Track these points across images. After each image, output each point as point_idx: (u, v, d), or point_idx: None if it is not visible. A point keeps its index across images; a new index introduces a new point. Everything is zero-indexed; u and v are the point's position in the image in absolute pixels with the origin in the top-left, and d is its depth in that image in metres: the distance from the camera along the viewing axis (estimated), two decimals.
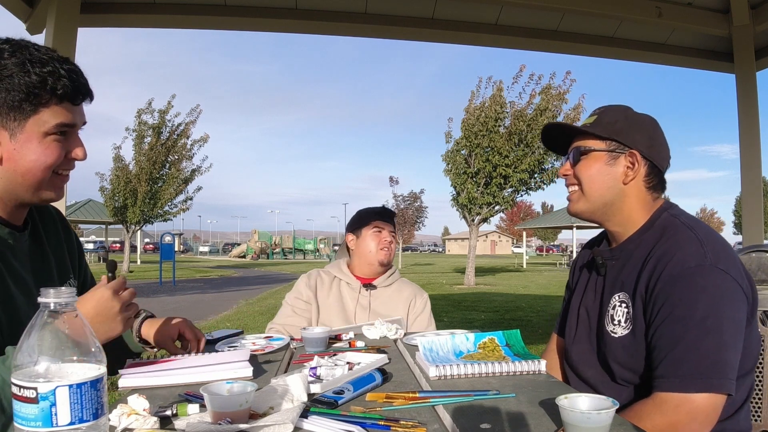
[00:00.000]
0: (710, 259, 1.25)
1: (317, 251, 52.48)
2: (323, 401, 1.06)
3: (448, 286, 17.28)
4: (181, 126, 22.25)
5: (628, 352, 1.34)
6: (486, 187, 16.60)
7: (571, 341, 1.56)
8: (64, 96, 1.14)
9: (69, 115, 1.16)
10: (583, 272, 1.62)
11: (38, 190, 1.18)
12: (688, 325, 1.21)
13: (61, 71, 1.13)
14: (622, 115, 1.44)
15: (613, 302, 1.41)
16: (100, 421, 0.75)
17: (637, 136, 1.40)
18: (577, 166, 1.45)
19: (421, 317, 2.31)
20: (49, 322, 0.73)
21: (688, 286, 1.23)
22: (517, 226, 48.23)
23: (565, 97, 16.32)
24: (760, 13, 3.75)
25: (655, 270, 1.29)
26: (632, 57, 4.37)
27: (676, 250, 1.28)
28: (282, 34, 4.46)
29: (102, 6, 3.47)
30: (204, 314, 9.90)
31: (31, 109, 1.11)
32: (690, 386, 1.18)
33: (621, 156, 1.40)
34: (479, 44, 4.14)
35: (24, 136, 1.12)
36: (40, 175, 1.16)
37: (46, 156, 1.15)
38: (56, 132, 1.15)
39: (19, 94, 1.10)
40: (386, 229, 2.33)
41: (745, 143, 3.92)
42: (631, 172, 1.40)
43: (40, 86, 1.11)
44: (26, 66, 1.10)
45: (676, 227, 1.35)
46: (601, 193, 1.42)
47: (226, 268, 30.88)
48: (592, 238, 1.71)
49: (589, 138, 1.44)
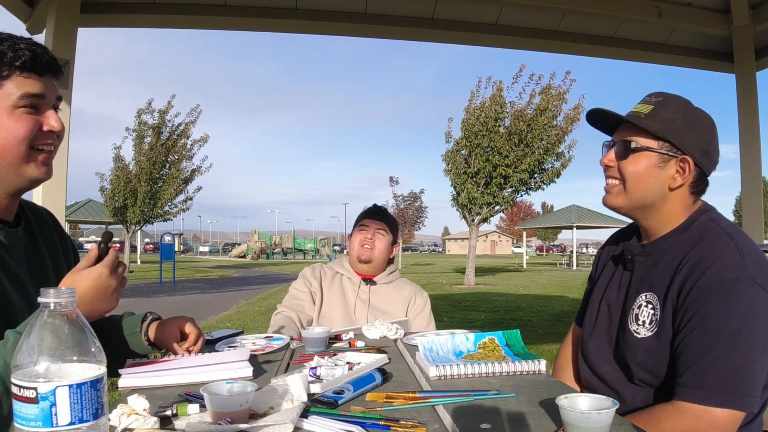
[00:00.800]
0: (749, 272, 1.20)
1: (317, 251, 52.48)
2: (323, 401, 1.06)
3: (448, 286, 17.28)
4: (181, 126, 22.24)
5: (650, 355, 1.30)
6: (486, 187, 16.60)
7: (588, 334, 1.52)
8: (24, 66, 1.12)
9: (35, 84, 1.14)
10: (608, 265, 1.56)
11: (20, 168, 1.16)
12: (719, 337, 1.17)
13: (19, 45, 1.12)
14: (681, 112, 1.33)
15: (639, 301, 1.36)
16: (100, 421, 0.75)
17: (693, 139, 1.31)
18: (624, 161, 1.35)
19: (420, 316, 2.32)
20: (49, 322, 0.73)
21: (723, 297, 1.19)
22: (517, 226, 48.24)
23: (565, 97, 16.32)
24: (760, 13, 3.75)
25: (690, 276, 1.24)
26: (632, 57, 4.37)
27: (715, 259, 1.23)
28: (282, 34, 4.46)
29: (102, 6, 3.47)
30: (204, 314, 9.90)
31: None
32: (714, 400, 1.15)
33: (672, 160, 1.32)
34: (479, 44, 4.15)
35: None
36: (16, 150, 1.13)
37: (17, 128, 1.12)
38: (24, 105, 1.13)
39: None
40: (371, 227, 2.35)
41: (745, 143, 3.92)
42: (680, 178, 1.32)
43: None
44: None
45: (715, 233, 1.29)
46: (645, 194, 1.35)
47: (226, 268, 30.87)
48: (619, 230, 1.64)
49: (641, 132, 1.33)
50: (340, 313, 2.25)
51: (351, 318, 2.24)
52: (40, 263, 1.30)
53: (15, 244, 1.23)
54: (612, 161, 1.38)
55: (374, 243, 2.33)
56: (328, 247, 52.59)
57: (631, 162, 1.34)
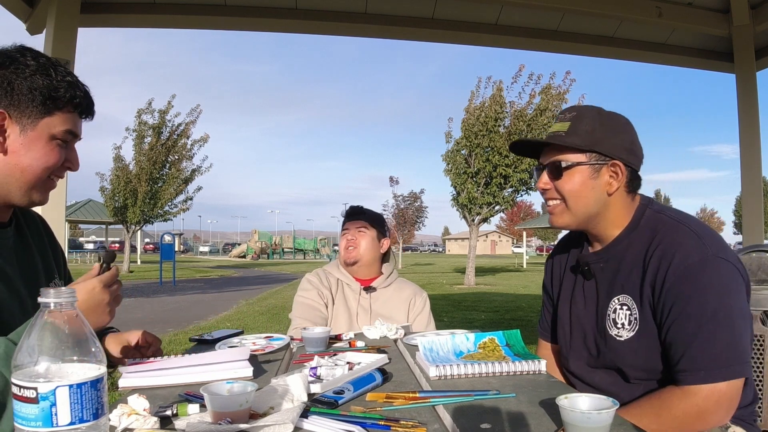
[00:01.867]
0: (711, 249, 1.27)
1: (317, 251, 52.48)
2: (323, 401, 1.06)
3: (448, 286, 17.28)
4: (181, 126, 22.25)
5: (637, 354, 1.34)
6: (486, 187, 16.60)
7: (567, 350, 1.54)
8: (77, 106, 1.21)
9: (76, 124, 1.23)
10: (565, 276, 1.59)
11: (31, 189, 1.21)
12: (701, 321, 1.24)
13: (79, 83, 1.22)
14: (597, 120, 1.37)
15: (613, 305, 1.39)
16: (101, 421, 0.75)
17: (616, 143, 1.36)
18: (559, 180, 1.39)
19: (420, 316, 2.32)
20: (49, 322, 0.73)
21: (695, 281, 1.26)
22: (517, 226, 48.22)
23: (565, 97, 16.32)
24: (760, 13, 3.75)
25: (659, 269, 1.29)
26: (632, 57, 4.37)
27: (676, 248, 1.29)
28: (282, 34, 4.46)
29: (102, 6, 3.47)
30: (204, 314, 9.90)
31: (46, 111, 1.17)
32: (716, 377, 1.21)
33: (603, 167, 1.36)
34: (479, 44, 4.14)
35: (33, 134, 1.17)
36: (39, 174, 1.20)
37: (48, 158, 1.19)
38: (62, 138, 1.20)
39: (39, 95, 1.15)
40: (352, 228, 2.34)
41: (745, 143, 3.92)
42: (615, 182, 1.37)
43: (61, 91, 1.17)
44: (49, 69, 1.17)
45: (666, 224, 1.35)
46: (587, 207, 1.39)
47: (226, 268, 30.88)
48: (564, 238, 1.67)
49: (566, 150, 1.37)
50: (344, 320, 2.24)
51: (354, 325, 2.23)
52: (30, 262, 1.33)
53: (5, 243, 1.26)
54: (547, 183, 1.42)
55: (357, 242, 2.31)
56: (328, 247, 52.58)
57: (566, 180, 1.39)
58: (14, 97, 1.14)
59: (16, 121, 1.16)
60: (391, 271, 2.41)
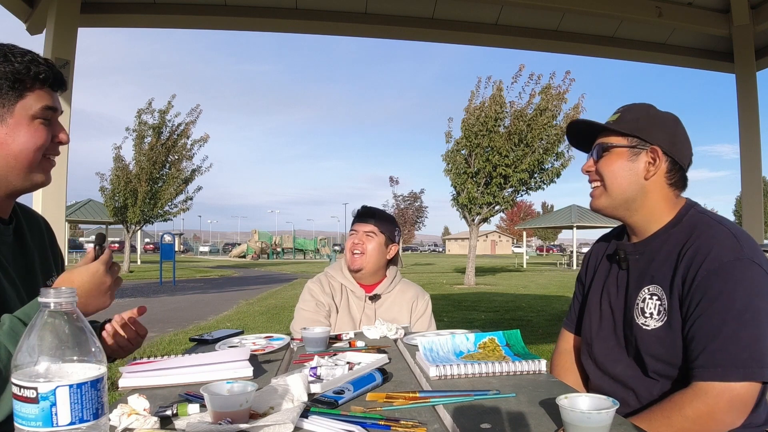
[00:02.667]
0: (746, 253, 1.28)
1: (317, 251, 52.48)
2: (323, 401, 1.06)
3: (448, 286, 17.28)
4: (181, 126, 22.25)
5: (662, 344, 1.35)
6: (486, 187, 16.59)
7: (593, 338, 1.55)
8: (45, 81, 1.22)
9: (51, 98, 1.24)
10: (600, 266, 1.61)
11: (30, 173, 1.24)
12: (727, 317, 1.24)
13: (39, 60, 1.22)
14: (644, 112, 1.45)
15: (642, 295, 1.41)
16: (101, 421, 0.75)
17: (658, 132, 1.42)
18: (600, 162, 1.47)
19: (422, 319, 2.31)
20: (50, 322, 0.73)
21: (726, 279, 1.26)
22: (517, 226, 48.22)
23: (565, 96, 16.31)
24: (760, 13, 3.74)
25: (692, 264, 1.31)
26: (632, 57, 4.36)
27: (712, 245, 1.30)
28: (284, 34, 4.46)
29: (102, 6, 3.47)
30: (204, 314, 9.90)
31: (17, 95, 1.20)
32: (731, 375, 1.21)
33: (642, 152, 1.42)
34: (479, 44, 4.14)
35: (13, 121, 1.20)
36: (32, 156, 1.22)
37: (36, 138, 1.22)
38: (42, 116, 1.22)
39: (5, 82, 1.18)
40: (359, 231, 2.27)
41: (746, 143, 3.91)
42: (652, 168, 1.41)
43: (24, 72, 1.19)
44: (8, 57, 1.19)
45: (706, 223, 1.37)
46: (623, 189, 1.44)
47: (226, 268, 30.87)
48: (607, 233, 1.70)
49: (611, 135, 1.45)
50: (347, 327, 2.21)
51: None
52: (27, 261, 1.34)
53: (5, 240, 1.29)
54: (591, 166, 1.50)
55: (364, 247, 2.24)
56: (328, 247, 52.57)
57: (606, 162, 1.46)
58: None
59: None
60: (395, 274, 2.36)
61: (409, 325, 2.26)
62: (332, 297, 2.25)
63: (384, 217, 2.33)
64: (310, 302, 2.23)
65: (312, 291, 2.26)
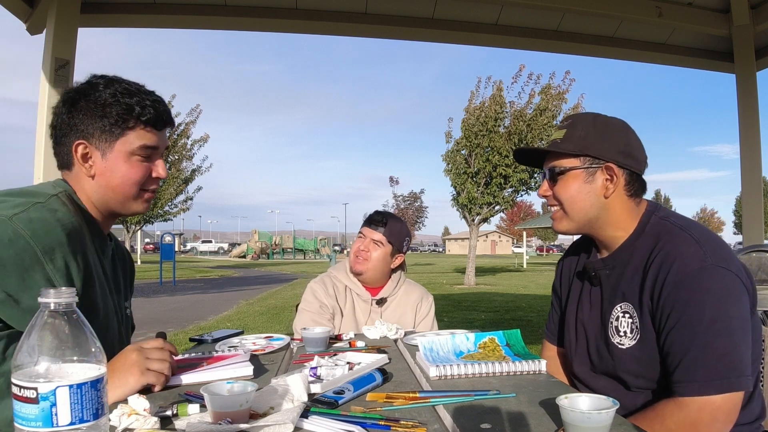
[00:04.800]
0: (710, 258, 1.24)
1: (317, 251, 52.48)
2: (323, 401, 1.06)
3: (448, 286, 17.27)
4: (181, 126, 22.25)
5: (639, 363, 1.33)
6: (486, 187, 16.59)
7: (572, 354, 1.54)
8: (148, 122, 1.31)
9: (152, 138, 1.33)
10: (573, 281, 1.59)
11: (127, 203, 1.34)
12: (697, 330, 1.21)
13: (146, 101, 1.31)
14: (591, 125, 1.39)
15: (616, 313, 1.39)
16: (101, 421, 0.75)
17: (610, 146, 1.36)
18: (556, 186, 1.41)
19: (425, 321, 2.31)
20: (50, 322, 0.73)
21: (693, 289, 1.23)
22: (517, 226, 48.19)
23: (565, 96, 16.32)
24: (760, 13, 3.75)
25: (657, 277, 1.28)
26: (632, 57, 4.37)
27: (676, 255, 1.27)
28: (285, 34, 4.47)
29: (102, 6, 3.47)
30: (204, 314, 9.90)
31: (119, 132, 1.28)
32: (709, 389, 1.19)
33: (597, 170, 1.37)
34: (479, 44, 4.14)
35: (113, 156, 1.29)
36: (129, 190, 1.32)
37: (132, 173, 1.31)
38: (140, 153, 1.31)
39: (110, 120, 1.27)
40: (367, 237, 2.23)
41: (746, 143, 3.92)
42: (611, 185, 1.36)
43: (127, 113, 1.28)
44: (117, 96, 1.28)
45: (669, 231, 1.33)
46: (585, 211, 1.40)
47: (227, 268, 30.87)
48: (575, 243, 1.67)
49: (562, 156, 1.40)
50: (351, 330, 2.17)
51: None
52: (116, 279, 1.44)
53: (107, 254, 1.39)
54: (547, 191, 1.45)
55: (368, 255, 2.21)
56: (328, 247, 52.57)
57: (563, 186, 1.41)
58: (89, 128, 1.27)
59: (96, 149, 1.28)
60: (399, 277, 2.33)
61: (413, 327, 2.26)
62: (336, 299, 2.22)
63: (395, 227, 2.26)
64: (313, 303, 2.19)
65: (315, 292, 2.21)
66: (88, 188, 1.30)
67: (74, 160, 1.29)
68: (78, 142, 1.28)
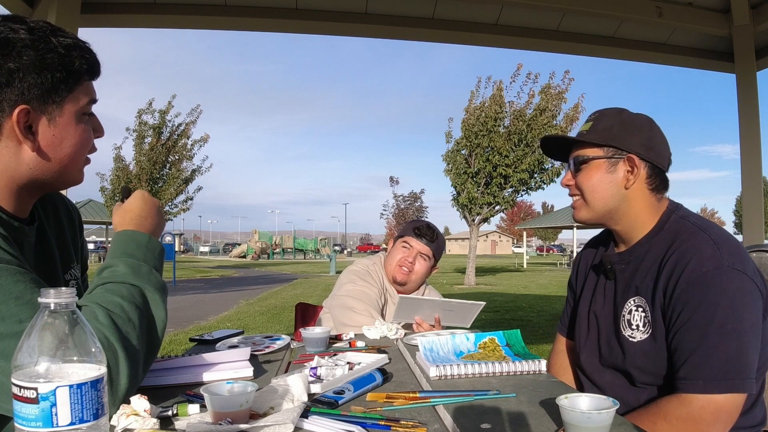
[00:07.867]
0: (727, 260, 1.25)
1: (317, 251, 52.49)
2: (323, 401, 1.06)
3: (448, 285, 17.27)
4: (181, 126, 22.26)
5: (648, 357, 1.34)
6: (486, 187, 16.61)
7: (581, 346, 1.55)
8: (89, 70, 1.06)
9: (93, 90, 1.09)
10: (589, 274, 1.61)
11: (69, 175, 1.09)
12: (707, 330, 1.22)
13: (82, 43, 1.05)
14: (616, 119, 1.42)
15: (629, 307, 1.40)
16: (101, 421, 0.75)
17: (633, 139, 1.39)
18: (578, 175, 1.45)
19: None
20: (50, 322, 0.73)
21: (707, 289, 1.24)
22: (518, 226, 48.22)
23: (565, 96, 16.33)
24: (761, 13, 3.75)
25: (672, 274, 1.29)
26: (632, 57, 4.36)
27: (692, 254, 1.28)
28: (287, 34, 4.47)
29: (102, 6, 3.47)
30: (204, 314, 9.90)
31: (67, 89, 1.02)
32: (714, 388, 1.20)
33: (620, 161, 1.40)
34: (479, 44, 4.14)
35: (63, 120, 1.03)
36: (79, 161, 1.09)
37: (83, 138, 1.07)
38: (87, 112, 1.08)
39: (58, 74, 0.99)
40: (415, 249, 2.26)
41: (746, 143, 3.91)
42: (631, 177, 1.39)
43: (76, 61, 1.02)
44: (51, 42, 0.99)
45: (688, 230, 1.34)
46: (605, 201, 1.42)
47: (227, 268, 30.87)
48: (595, 237, 1.69)
49: (586, 146, 1.43)
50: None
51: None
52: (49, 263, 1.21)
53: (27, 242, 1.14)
54: (570, 180, 1.48)
55: (413, 267, 2.25)
56: (328, 247, 52.58)
57: (585, 175, 1.44)
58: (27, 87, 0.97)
59: (42, 113, 1.00)
60: (425, 284, 2.40)
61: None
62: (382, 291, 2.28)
63: (441, 243, 2.34)
64: (374, 287, 2.22)
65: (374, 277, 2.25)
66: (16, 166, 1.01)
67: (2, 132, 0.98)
68: (21, 107, 0.97)
